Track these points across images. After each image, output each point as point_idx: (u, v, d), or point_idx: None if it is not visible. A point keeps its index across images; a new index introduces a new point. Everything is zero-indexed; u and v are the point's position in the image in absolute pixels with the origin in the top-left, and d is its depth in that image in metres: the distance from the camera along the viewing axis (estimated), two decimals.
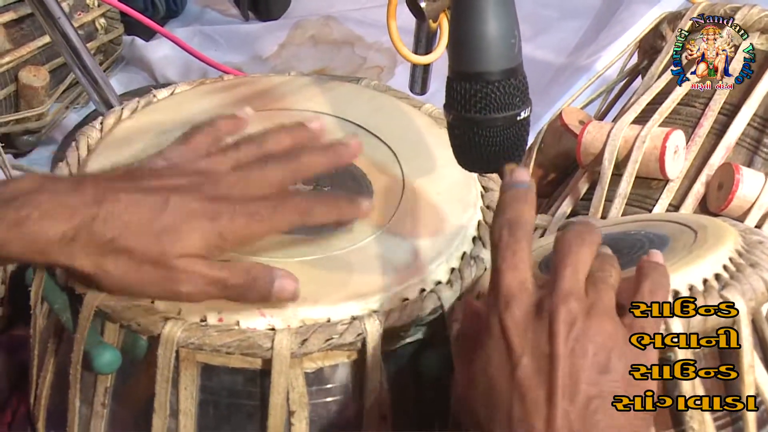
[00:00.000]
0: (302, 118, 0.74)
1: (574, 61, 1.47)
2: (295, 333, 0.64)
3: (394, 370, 0.67)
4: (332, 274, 0.69)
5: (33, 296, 0.74)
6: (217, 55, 1.48)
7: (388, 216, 0.74)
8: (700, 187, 0.87)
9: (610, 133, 0.89)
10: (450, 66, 0.66)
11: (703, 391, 0.60)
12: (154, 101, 0.85)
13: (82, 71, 1.12)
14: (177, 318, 0.65)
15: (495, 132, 0.65)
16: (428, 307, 0.67)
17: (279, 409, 0.65)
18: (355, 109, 0.85)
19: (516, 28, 0.65)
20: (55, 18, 1.08)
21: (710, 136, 0.90)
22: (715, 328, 0.61)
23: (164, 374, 0.65)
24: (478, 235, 0.74)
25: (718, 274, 0.62)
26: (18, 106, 1.31)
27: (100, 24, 1.44)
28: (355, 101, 0.86)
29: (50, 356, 0.74)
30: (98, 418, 0.70)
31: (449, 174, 0.78)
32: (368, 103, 0.86)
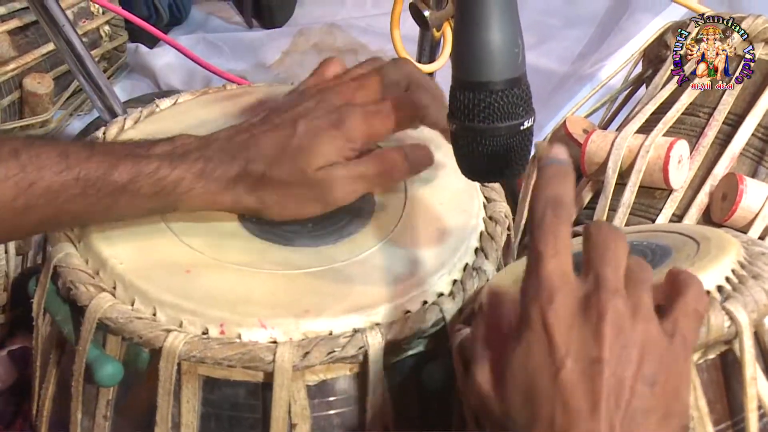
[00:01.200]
0: None
1: (578, 70, 1.47)
2: (297, 346, 0.64)
3: (397, 382, 0.67)
4: (334, 287, 0.69)
5: (35, 307, 0.74)
6: (220, 63, 1.48)
7: (390, 227, 0.74)
8: (704, 197, 0.87)
9: (614, 143, 0.89)
10: (453, 75, 0.66)
11: (705, 402, 0.60)
12: (157, 111, 0.85)
13: (86, 78, 1.12)
14: (179, 331, 0.65)
15: (498, 141, 0.65)
16: (430, 320, 0.67)
17: (281, 422, 0.65)
18: None
19: (520, 38, 0.64)
20: (59, 25, 1.08)
21: (714, 146, 0.90)
22: (717, 340, 0.60)
23: (166, 387, 0.65)
24: (480, 246, 0.74)
25: (721, 285, 0.62)
26: (22, 113, 1.31)
27: (104, 31, 1.44)
28: None
29: (52, 368, 0.74)
30: (100, 430, 0.70)
31: (451, 184, 0.78)
32: None
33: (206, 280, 0.69)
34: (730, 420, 0.62)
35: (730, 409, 0.62)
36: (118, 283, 0.68)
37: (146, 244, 0.71)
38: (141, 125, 0.83)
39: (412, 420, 0.68)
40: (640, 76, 1.07)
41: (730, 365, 0.62)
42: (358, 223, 0.74)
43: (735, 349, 0.61)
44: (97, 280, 0.69)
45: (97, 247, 0.70)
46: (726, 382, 0.62)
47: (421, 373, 0.68)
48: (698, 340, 0.59)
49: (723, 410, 0.62)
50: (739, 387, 0.61)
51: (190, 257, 0.70)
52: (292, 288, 0.68)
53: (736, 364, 0.61)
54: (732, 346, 0.61)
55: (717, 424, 0.61)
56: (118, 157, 0.68)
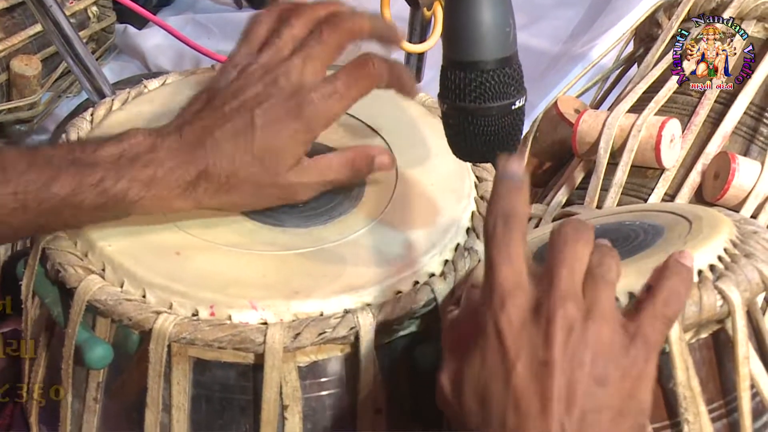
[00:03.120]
0: None
1: (569, 50, 1.46)
2: (288, 327, 0.64)
3: (388, 363, 0.67)
4: (325, 267, 0.68)
5: (24, 290, 0.74)
6: (210, 44, 1.47)
7: (381, 207, 0.73)
8: (696, 176, 0.87)
9: (606, 122, 0.89)
10: (444, 55, 0.65)
11: (698, 382, 0.60)
12: (145, 92, 0.85)
13: (75, 60, 1.11)
14: (169, 312, 0.65)
15: (490, 121, 0.64)
16: (422, 300, 0.67)
17: (272, 403, 0.65)
18: None
19: (511, 17, 0.64)
20: (46, 6, 1.07)
21: (706, 124, 0.90)
22: (710, 320, 0.60)
23: (156, 369, 0.65)
24: (472, 227, 0.74)
25: (713, 264, 0.62)
26: (10, 96, 1.30)
27: (93, 12, 1.43)
28: None
29: (42, 350, 0.74)
30: (90, 412, 0.70)
31: (443, 164, 0.77)
32: None
33: (196, 261, 0.68)
34: (722, 399, 0.62)
35: (723, 388, 0.62)
36: (107, 265, 0.68)
37: (135, 226, 0.70)
38: (129, 106, 0.83)
39: (403, 400, 0.68)
40: (632, 55, 1.07)
41: (723, 344, 0.62)
42: (349, 204, 0.74)
43: (727, 328, 0.61)
44: (86, 262, 0.69)
45: (85, 230, 0.70)
46: (718, 362, 0.62)
47: (412, 354, 0.67)
48: (690, 320, 0.59)
49: (715, 389, 0.62)
50: (731, 366, 0.61)
51: (180, 239, 0.70)
52: (283, 269, 0.68)
53: (729, 343, 0.61)
54: (724, 326, 0.61)
55: (709, 404, 0.61)
56: (59, 167, 0.65)
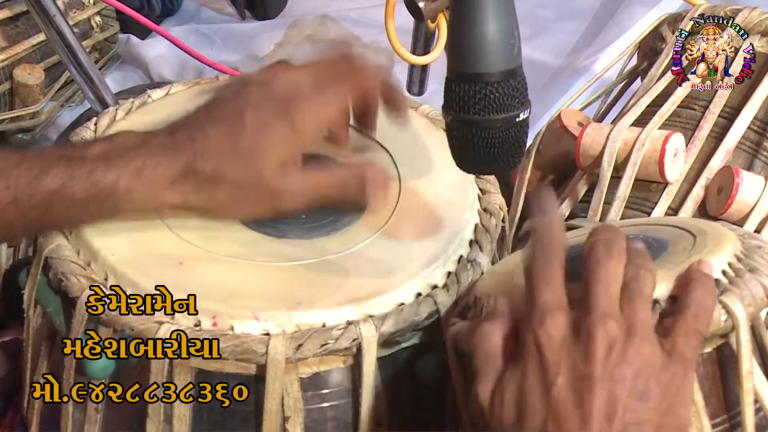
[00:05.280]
0: None
1: (573, 63, 1.46)
2: (290, 338, 0.64)
3: (390, 375, 0.67)
4: (327, 279, 0.68)
5: (26, 299, 0.74)
6: (212, 54, 1.48)
7: (384, 219, 0.73)
8: (700, 190, 0.87)
9: (610, 136, 0.89)
10: (449, 67, 0.65)
11: (701, 396, 0.60)
12: (149, 102, 0.85)
13: (78, 69, 1.11)
14: (171, 323, 0.64)
15: (494, 133, 0.65)
16: (424, 312, 0.67)
17: (274, 414, 0.65)
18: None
19: (515, 29, 0.64)
20: (50, 16, 1.08)
21: (710, 139, 0.89)
22: (714, 334, 0.60)
23: (158, 379, 0.65)
24: (475, 239, 0.74)
25: (717, 279, 0.62)
26: (13, 105, 1.30)
27: (96, 22, 1.43)
28: None
29: (44, 359, 0.73)
30: (91, 423, 0.69)
31: (446, 176, 0.77)
32: None
33: (199, 272, 0.68)
34: (726, 414, 0.62)
35: (726, 403, 0.62)
36: (109, 275, 0.68)
37: (138, 235, 0.70)
38: (132, 116, 0.83)
39: (405, 413, 0.68)
40: (635, 68, 1.07)
41: (727, 359, 0.62)
42: (352, 215, 0.73)
43: (731, 342, 0.61)
44: (89, 271, 0.68)
45: (88, 239, 0.70)
46: (722, 376, 0.62)
47: (414, 366, 0.67)
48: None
49: (719, 404, 0.62)
50: (735, 381, 0.61)
51: (183, 249, 0.69)
52: (286, 280, 0.68)
53: (733, 357, 0.61)
54: (728, 340, 0.61)
55: (713, 418, 0.61)
56: (50, 161, 0.65)
